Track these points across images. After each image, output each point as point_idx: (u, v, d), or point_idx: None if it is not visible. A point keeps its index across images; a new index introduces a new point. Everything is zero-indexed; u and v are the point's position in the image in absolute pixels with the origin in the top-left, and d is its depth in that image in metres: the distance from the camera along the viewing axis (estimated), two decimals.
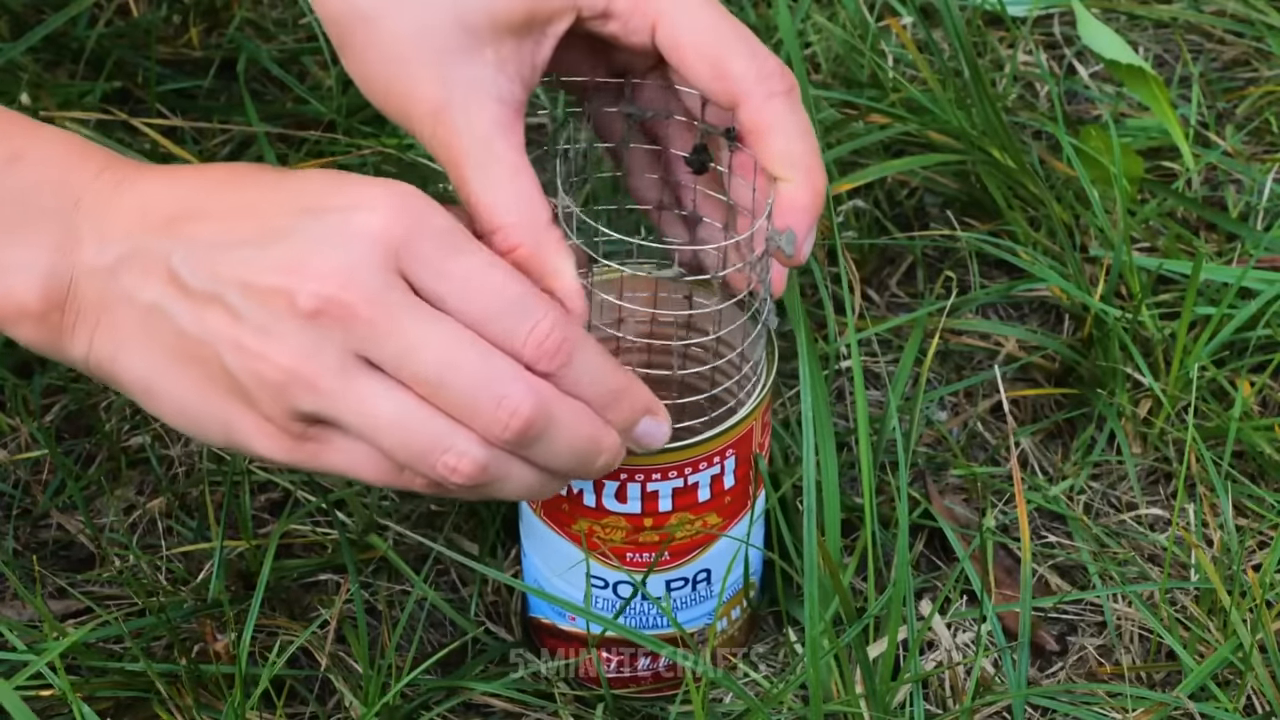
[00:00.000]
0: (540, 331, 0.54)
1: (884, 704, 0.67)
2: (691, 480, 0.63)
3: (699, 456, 0.63)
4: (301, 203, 0.54)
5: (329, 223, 0.53)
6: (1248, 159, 0.97)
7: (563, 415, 0.55)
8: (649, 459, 0.62)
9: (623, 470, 0.62)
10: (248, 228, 0.54)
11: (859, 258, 0.91)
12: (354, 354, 0.53)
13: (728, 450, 0.64)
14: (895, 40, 1.03)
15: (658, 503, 0.64)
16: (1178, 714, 0.69)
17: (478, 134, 0.57)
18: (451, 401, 0.53)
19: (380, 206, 0.53)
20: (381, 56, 0.58)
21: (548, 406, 0.54)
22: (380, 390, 0.53)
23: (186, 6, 1.02)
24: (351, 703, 0.70)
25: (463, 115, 0.57)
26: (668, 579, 0.67)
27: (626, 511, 0.64)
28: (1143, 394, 0.82)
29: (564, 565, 0.67)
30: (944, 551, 0.78)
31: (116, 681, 0.70)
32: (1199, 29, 1.07)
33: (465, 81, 0.57)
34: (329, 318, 0.52)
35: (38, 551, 0.78)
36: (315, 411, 0.53)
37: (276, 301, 0.52)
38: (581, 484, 0.63)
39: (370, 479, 0.56)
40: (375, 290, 0.52)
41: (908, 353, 0.80)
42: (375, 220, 0.53)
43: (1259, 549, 0.78)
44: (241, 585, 0.76)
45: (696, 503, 0.64)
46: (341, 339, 0.52)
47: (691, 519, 0.65)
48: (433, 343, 0.53)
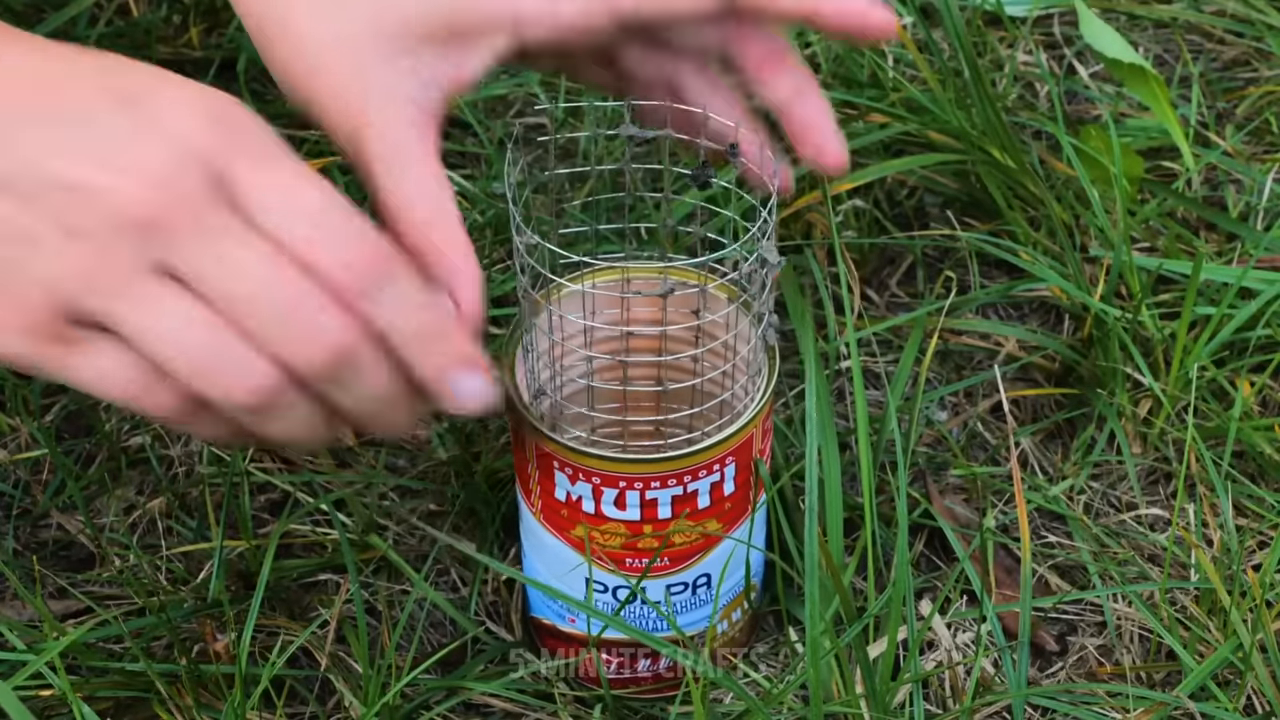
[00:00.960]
0: (355, 254, 0.51)
1: (884, 704, 0.67)
2: (691, 488, 0.63)
3: (699, 464, 0.63)
4: (112, 83, 0.51)
5: (144, 115, 0.50)
6: (1248, 159, 0.97)
7: (369, 357, 0.52)
8: (648, 466, 0.62)
9: (621, 478, 0.62)
10: (53, 102, 0.50)
11: (859, 258, 0.91)
12: (155, 260, 0.49)
13: (727, 457, 0.64)
14: (895, 40, 1.03)
15: (657, 510, 0.64)
16: (1178, 714, 0.69)
17: (390, 138, 0.57)
18: (255, 323, 0.50)
19: (200, 108, 0.51)
20: (300, 59, 0.58)
21: (357, 343, 0.51)
22: (174, 300, 0.50)
23: (186, 6, 1.02)
24: (351, 703, 0.70)
25: (379, 118, 0.57)
26: (668, 583, 0.67)
27: (626, 519, 0.64)
28: (1143, 394, 0.82)
29: (563, 569, 0.67)
30: (944, 551, 0.78)
31: (116, 681, 0.70)
32: (1199, 29, 1.07)
33: (381, 88, 0.57)
34: (136, 221, 0.49)
35: (38, 551, 0.78)
36: (93, 312, 0.50)
37: (81, 195, 0.49)
38: (580, 491, 0.63)
39: (113, 394, 0.51)
40: (191, 197, 0.49)
41: (907, 353, 0.80)
42: (195, 122, 0.50)
43: (1259, 549, 0.78)
44: (241, 585, 0.76)
45: (696, 509, 0.64)
46: (144, 244, 0.49)
47: (691, 525, 0.65)
48: (245, 261, 0.50)
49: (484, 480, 0.78)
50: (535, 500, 0.66)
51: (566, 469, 0.63)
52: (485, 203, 0.91)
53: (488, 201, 0.91)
